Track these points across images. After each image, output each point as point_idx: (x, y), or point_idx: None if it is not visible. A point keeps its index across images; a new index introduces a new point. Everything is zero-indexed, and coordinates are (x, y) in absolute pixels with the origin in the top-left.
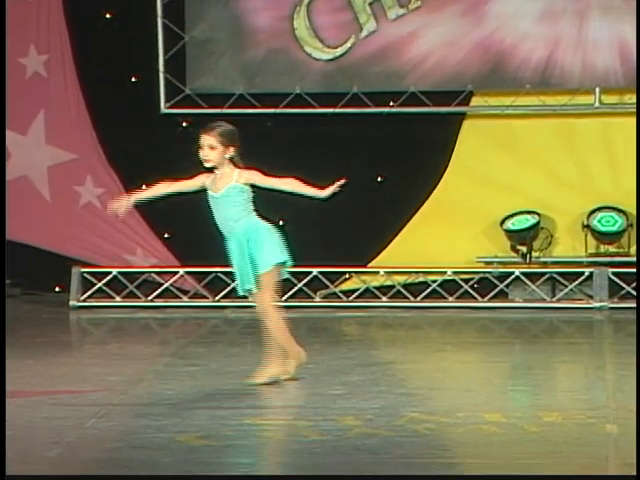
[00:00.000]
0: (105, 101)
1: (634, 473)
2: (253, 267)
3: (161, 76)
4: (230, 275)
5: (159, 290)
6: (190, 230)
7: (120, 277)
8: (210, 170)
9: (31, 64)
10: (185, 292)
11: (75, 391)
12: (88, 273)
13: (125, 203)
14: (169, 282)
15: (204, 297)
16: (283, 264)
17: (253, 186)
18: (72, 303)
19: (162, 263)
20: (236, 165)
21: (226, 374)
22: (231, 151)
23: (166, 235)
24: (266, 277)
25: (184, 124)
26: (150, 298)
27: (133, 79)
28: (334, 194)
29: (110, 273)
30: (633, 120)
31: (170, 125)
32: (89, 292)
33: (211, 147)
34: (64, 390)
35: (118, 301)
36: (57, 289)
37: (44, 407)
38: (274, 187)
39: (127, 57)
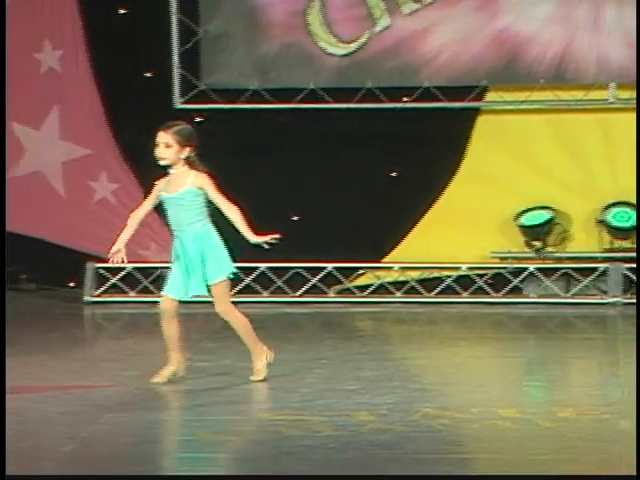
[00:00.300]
0: (119, 96)
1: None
2: (204, 276)
3: (175, 71)
4: (245, 271)
5: None
6: None
7: (134, 272)
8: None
9: (46, 59)
10: None
11: (89, 386)
12: (102, 268)
13: (120, 249)
14: None
15: None
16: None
17: None
18: (86, 298)
19: None
20: (192, 167)
21: (238, 370)
22: (187, 151)
23: None
24: (220, 286)
25: (198, 119)
26: None
27: (147, 74)
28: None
29: (124, 268)
30: None
31: (184, 120)
32: (103, 287)
33: (167, 145)
34: (78, 385)
35: (132, 296)
36: (71, 284)
37: (58, 402)
38: (217, 204)
39: (141, 52)
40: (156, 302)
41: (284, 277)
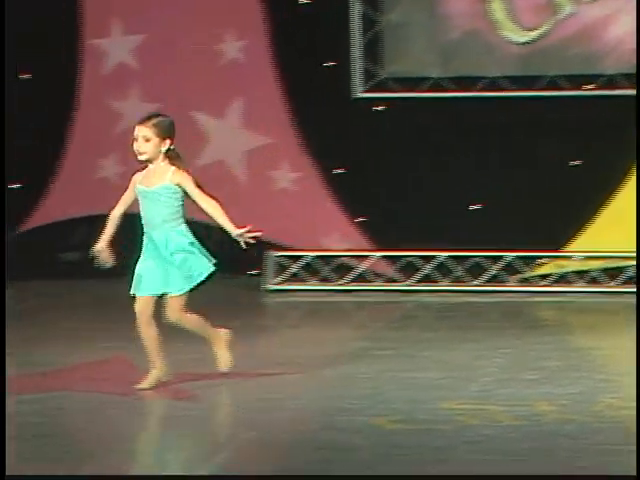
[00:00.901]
0: (300, 86)
1: None
2: (166, 283)
3: (356, 60)
4: (424, 259)
5: (353, 274)
6: (385, 214)
7: (314, 261)
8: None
9: (228, 50)
10: (379, 276)
11: (269, 374)
12: (282, 257)
13: (103, 249)
14: (363, 266)
15: (398, 281)
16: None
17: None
18: (267, 286)
19: (356, 247)
20: (172, 161)
21: (419, 358)
22: (167, 144)
23: (360, 219)
24: (179, 298)
25: (379, 108)
26: (344, 282)
27: (328, 64)
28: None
29: (304, 257)
30: None
31: (364, 110)
32: (284, 275)
33: (146, 139)
34: (258, 373)
35: (312, 284)
36: (251, 272)
37: (239, 389)
38: (196, 200)
39: (322, 42)
40: (337, 290)
41: (464, 266)
